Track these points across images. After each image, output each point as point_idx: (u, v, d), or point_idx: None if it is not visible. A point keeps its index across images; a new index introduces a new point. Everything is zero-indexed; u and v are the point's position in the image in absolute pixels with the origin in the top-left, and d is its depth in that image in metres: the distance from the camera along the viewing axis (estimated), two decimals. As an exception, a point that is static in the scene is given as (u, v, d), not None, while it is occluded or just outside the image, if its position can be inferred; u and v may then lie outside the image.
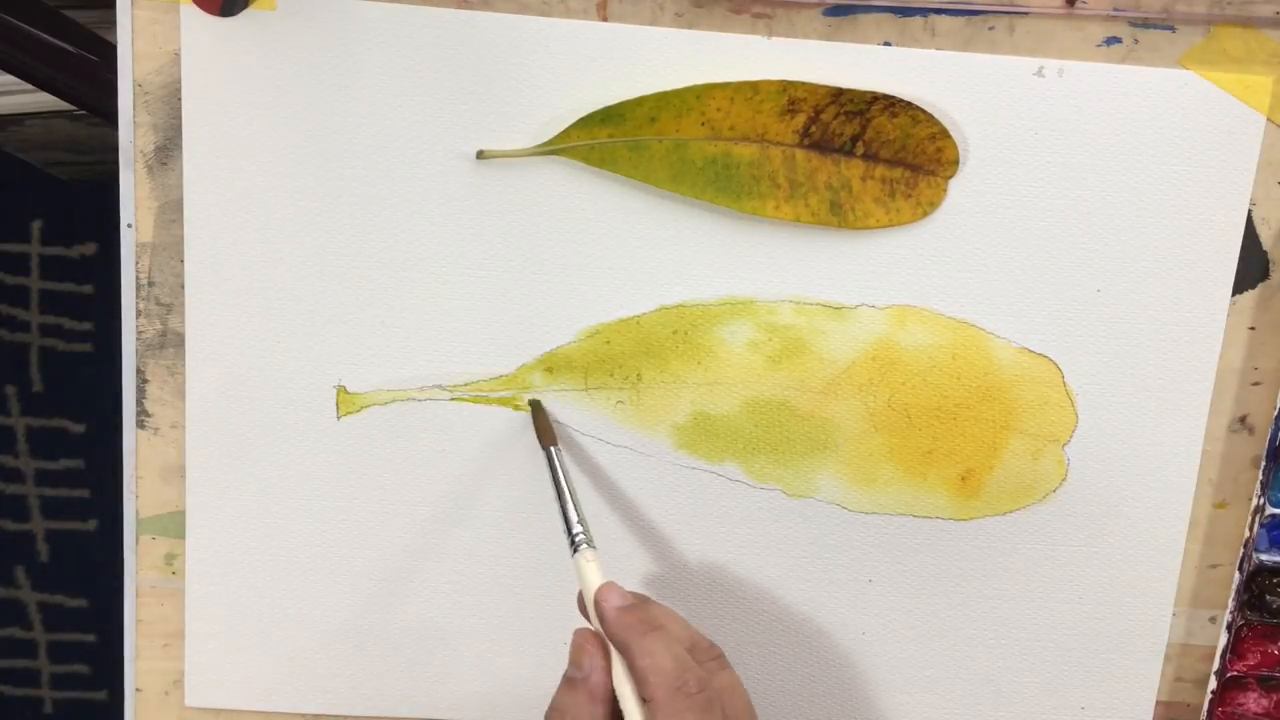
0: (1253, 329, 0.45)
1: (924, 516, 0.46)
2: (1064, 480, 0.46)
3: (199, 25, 0.42)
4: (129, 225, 0.44)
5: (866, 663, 0.48)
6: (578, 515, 0.41)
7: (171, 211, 0.44)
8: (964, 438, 0.46)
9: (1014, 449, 0.46)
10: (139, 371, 0.45)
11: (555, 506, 0.41)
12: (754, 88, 0.42)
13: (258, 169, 0.43)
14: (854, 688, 0.48)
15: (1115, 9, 0.42)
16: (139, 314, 0.45)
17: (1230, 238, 0.44)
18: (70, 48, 0.60)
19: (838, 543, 0.47)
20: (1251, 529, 0.46)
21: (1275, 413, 0.45)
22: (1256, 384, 0.46)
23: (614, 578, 0.47)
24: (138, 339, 0.45)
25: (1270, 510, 0.46)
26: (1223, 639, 0.47)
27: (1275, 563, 0.46)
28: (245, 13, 0.41)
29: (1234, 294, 0.45)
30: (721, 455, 0.46)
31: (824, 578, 0.47)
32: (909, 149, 0.43)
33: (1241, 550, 0.46)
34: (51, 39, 0.60)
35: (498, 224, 0.44)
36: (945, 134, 0.42)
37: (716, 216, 0.44)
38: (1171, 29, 0.43)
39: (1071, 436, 0.46)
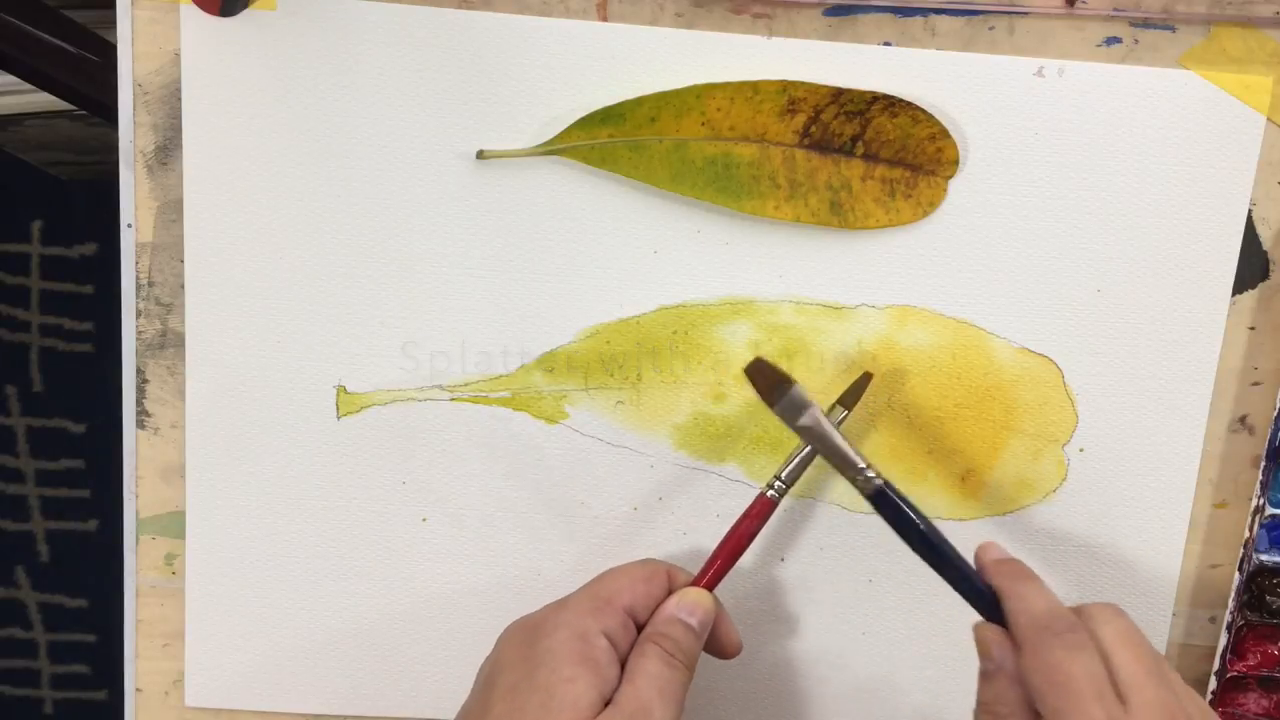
0: (1253, 329, 0.45)
1: (924, 516, 0.46)
2: (1064, 480, 0.46)
3: (199, 25, 0.42)
4: (129, 225, 0.44)
5: (866, 662, 0.48)
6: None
7: (171, 211, 0.44)
8: (964, 438, 0.46)
9: (1014, 449, 0.46)
10: (139, 371, 0.45)
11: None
12: (754, 88, 0.42)
13: (258, 169, 0.43)
14: (854, 687, 0.48)
15: (1115, 9, 0.42)
16: (139, 314, 0.45)
17: (1230, 238, 0.44)
18: (70, 48, 0.60)
19: (838, 543, 0.47)
20: (1251, 529, 0.46)
21: (1275, 413, 0.45)
22: (1256, 384, 0.46)
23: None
24: (138, 339, 0.45)
25: (1270, 510, 0.46)
26: (1223, 639, 0.47)
27: (1275, 563, 0.46)
28: (245, 13, 0.41)
29: (1234, 294, 0.45)
30: (721, 455, 0.46)
31: (824, 578, 0.47)
32: (909, 149, 0.43)
33: (1241, 550, 0.46)
34: (51, 39, 0.60)
35: (498, 224, 0.44)
36: (945, 134, 0.42)
37: (716, 216, 0.44)
38: (1171, 29, 0.43)
39: (1071, 436, 0.46)
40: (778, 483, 0.42)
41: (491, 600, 0.47)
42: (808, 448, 0.42)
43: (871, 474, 0.39)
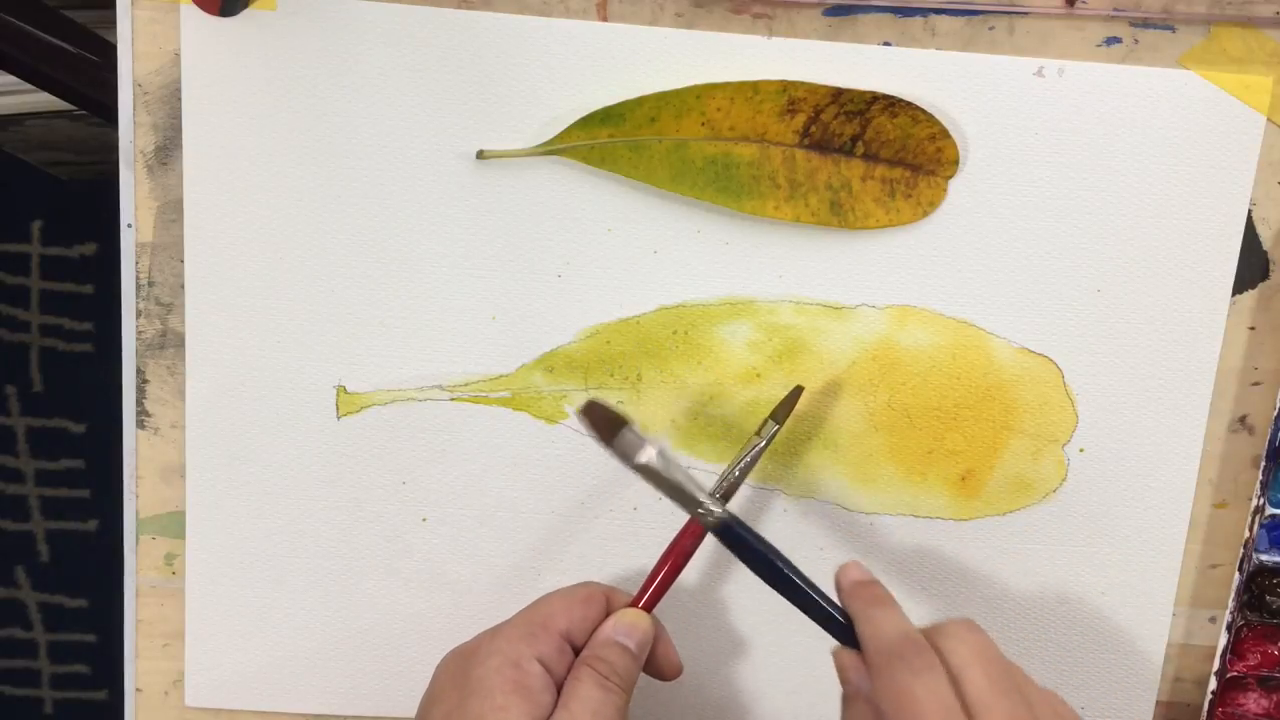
0: (1253, 329, 0.45)
1: (924, 516, 0.46)
2: (1064, 480, 0.46)
3: (199, 25, 0.42)
4: (129, 225, 0.44)
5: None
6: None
7: (171, 211, 0.44)
8: (964, 438, 0.46)
9: (1014, 449, 0.46)
10: (139, 371, 0.45)
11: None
12: (754, 88, 0.42)
13: (258, 169, 0.43)
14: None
15: (1115, 9, 0.42)
16: (139, 314, 0.45)
17: (1230, 238, 0.44)
18: (70, 48, 0.60)
19: (838, 543, 0.47)
20: (1251, 529, 0.46)
21: (1275, 413, 0.45)
22: (1256, 384, 0.46)
23: (613, 578, 0.47)
24: (138, 339, 0.45)
25: (1270, 510, 0.46)
26: (1223, 639, 0.47)
27: (1275, 563, 0.46)
28: (245, 13, 0.41)
29: (1234, 294, 0.45)
30: (721, 455, 0.46)
31: (824, 578, 0.47)
32: (909, 149, 0.43)
33: (1241, 550, 0.46)
34: (51, 39, 0.60)
35: (498, 224, 0.44)
36: (945, 134, 0.42)
37: (716, 216, 0.44)
38: (1171, 29, 0.43)
39: (1071, 436, 0.46)
40: (709, 503, 0.40)
41: (491, 600, 0.47)
42: (742, 462, 0.42)
43: (714, 507, 0.38)
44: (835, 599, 0.39)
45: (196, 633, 0.47)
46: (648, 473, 0.38)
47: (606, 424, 0.38)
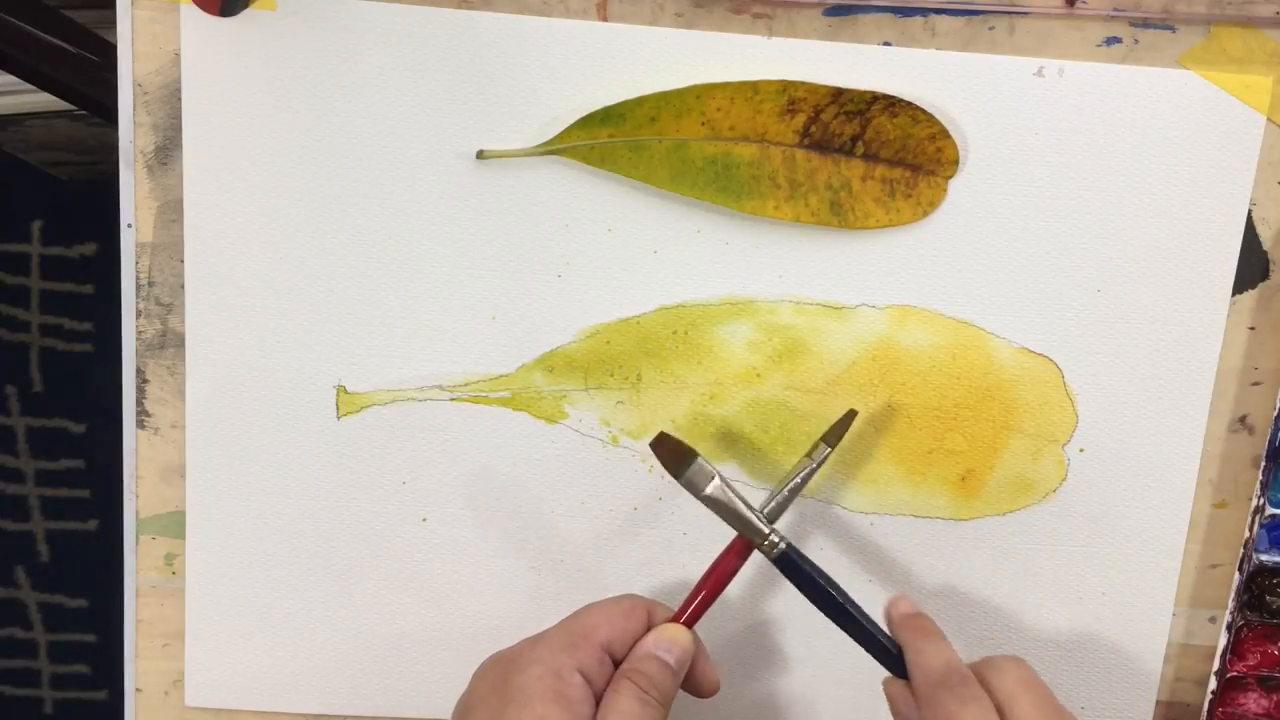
0: (1253, 329, 0.45)
1: (924, 516, 0.46)
2: (1064, 480, 0.46)
3: (199, 25, 0.42)
4: (129, 225, 0.44)
5: (868, 663, 0.48)
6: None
7: (171, 211, 0.44)
8: (964, 438, 0.46)
9: (1014, 449, 0.46)
10: (139, 371, 0.45)
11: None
12: (754, 88, 0.42)
13: (258, 169, 0.43)
14: (855, 688, 0.48)
15: (1115, 9, 0.42)
16: (139, 314, 0.45)
17: (1230, 238, 0.44)
18: (70, 48, 0.60)
19: (838, 543, 0.47)
20: (1251, 529, 0.46)
21: (1275, 413, 0.45)
22: (1256, 384, 0.46)
23: (615, 580, 0.47)
24: (138, 339, 0.45)
25: (1270, 510, 0.46)
26: (1223, 639, 0.47)
27: (1275, 563, 0.46)
28: (245, 13, 0.41)
29: (1234, 294, 0.45)
30: (721, 455, 0.46)
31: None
32: (909, 149, 0.43)
33: (1241, 550, 0.46)
34: (51, 39, 0.60)
35: (498, 224, 0.44)
36: (945, 134, 0.42)
37: (716, 216, 0.44)
38: (1171, 29, 0.43)
39: (1071, 436, 0.46)
40: (772, 534, 0.41)
41: (491, 600, 0.47)
42: (791, 484, 0.42)
43: (776, 539, 0.40)
44: (885, 629, 0.41)
45: (196, 633, 0.47)
46: (714, 503, 0.41)
47: (677, 456, 0.41)
